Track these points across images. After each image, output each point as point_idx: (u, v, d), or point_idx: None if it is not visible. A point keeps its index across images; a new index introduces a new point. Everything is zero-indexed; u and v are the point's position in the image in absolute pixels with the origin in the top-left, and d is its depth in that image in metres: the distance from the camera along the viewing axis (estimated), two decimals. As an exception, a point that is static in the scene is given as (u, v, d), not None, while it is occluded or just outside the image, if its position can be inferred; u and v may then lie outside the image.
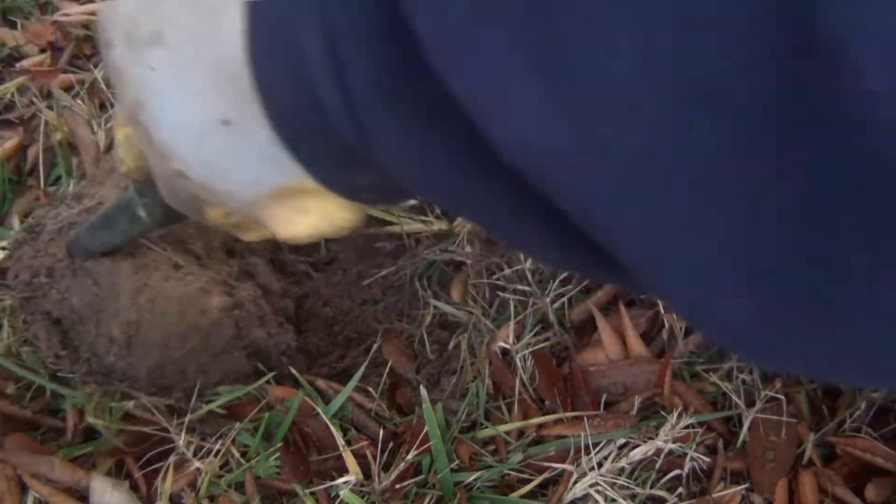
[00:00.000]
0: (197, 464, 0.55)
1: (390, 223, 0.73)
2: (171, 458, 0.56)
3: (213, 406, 0.57)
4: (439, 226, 0.72)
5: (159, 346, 0.54)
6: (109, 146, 0.78)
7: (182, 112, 0.26)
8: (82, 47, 0.90)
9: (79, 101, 0.82)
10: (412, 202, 0.33)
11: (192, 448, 0.56)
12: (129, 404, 0.56)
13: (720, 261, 0.16)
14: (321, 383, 0.62)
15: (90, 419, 0.57)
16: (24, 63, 0.87)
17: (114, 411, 0.57)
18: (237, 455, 0.56)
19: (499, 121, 0.16)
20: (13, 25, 0.91)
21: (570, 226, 0.18)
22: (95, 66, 0.88)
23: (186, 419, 0.56)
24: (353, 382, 0.60)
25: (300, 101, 0.22)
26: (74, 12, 0.91)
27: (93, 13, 0.91)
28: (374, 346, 0.67)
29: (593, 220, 0.17)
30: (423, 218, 0.73)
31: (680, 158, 0.15)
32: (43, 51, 0.90)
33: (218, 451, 0.56)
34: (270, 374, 0.59)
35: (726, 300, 0.16)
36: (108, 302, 0.54)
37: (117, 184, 0.58)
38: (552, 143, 0.16)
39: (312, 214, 0.28)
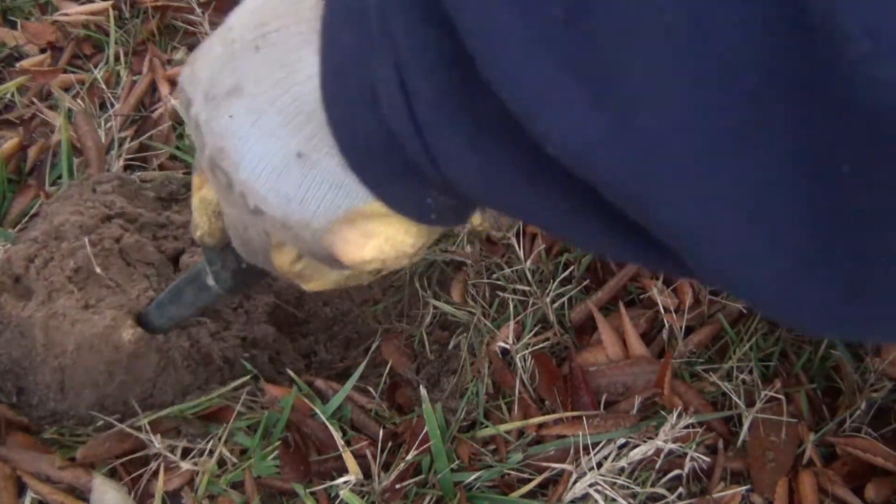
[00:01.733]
0: (185, 465, 0.55)
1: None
2: (160, 463, 0.56)
3: (164, 412, 0.56)
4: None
5: (90, 385, 0.56)
6: (109, 146, 0.78)
7: (260, 151, 0.29)
8: (82, 47, 0.90)
9: (79, 101, 0.82)
10: (470, 224, 0.37)
11: (178, 451, 0.56)
12: (89, 428, 0.57)
13: (743, 230, 0.18)
14: (320, 383, 0.62)
15: (47, 435, 0.57)
16: (24, 63, 0.87)
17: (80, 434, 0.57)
18: (229, 455, 0.56)
19: (547, 123, 0.19)
20: (13, 25, 0.91)
21: (621, 218, 0.20)
22: (95, 66, 0.88)
23: (146, 423, 0.55)
24: (352, 382, 0.60)
25: (370, 127, 0.25)
26: (74, 12, 0.91)
27: (93, 13, 0.91)
28: (374, 346, 0.67)
29: (634, 202, 0.19)
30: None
31: (704, 137, 0.17)
32: (43, 51, 0.90)
33: (211, 452, 0.56)
34: (242, 380, 0.58)
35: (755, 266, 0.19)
36: (34, 353, 0.56)
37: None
38: (595, 137, 0.18)
39: (378, 237, 0.30)
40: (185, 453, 0.57)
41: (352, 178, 0.28)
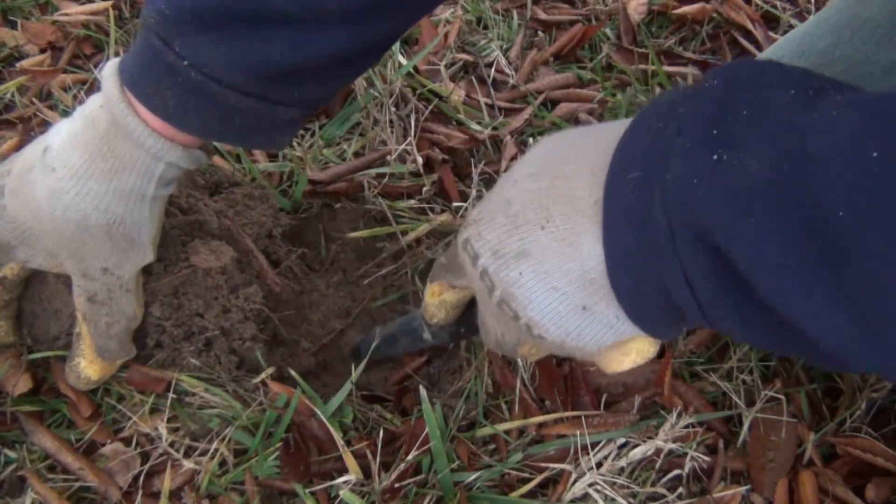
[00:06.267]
0: (188, 464, 0.55)
1: (390, 224, 0.73)
2: (161, 460, 0.56)
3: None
4: (440, 220, 0.72)
5: None
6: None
7: (548, 300, 0.39)
8: (82, 47, 0.90)
9: (78, 102, 0.82)
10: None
11: (182, 449, 0.56)
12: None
13: None
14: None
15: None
16: (24, 63, 0.87)
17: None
18: (228, 455, 0.56)
19: (817, 334, 0.28)
20: (13, 25, 0.91)
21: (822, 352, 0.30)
22: (95, 66, 0.88)
23: (163, 427, 0.55)
24: (352, 382, 0.60)
25: (655, 299, 0.35)
26: (74, 12, 0.91)
27: (93, 13, 0.91)
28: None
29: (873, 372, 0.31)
30: (422, 217, 0.73)
31: None
32: (43, 51, 0.90)
33: (216, 451, 0.56)
34: (264, 374, 0.59)
35: None
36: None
37: None
38: (854, 347, 0.28)
39: (633, 353, 0.41)
40: (188, 451, 0.57)
41: (621, 322, 0.38)
